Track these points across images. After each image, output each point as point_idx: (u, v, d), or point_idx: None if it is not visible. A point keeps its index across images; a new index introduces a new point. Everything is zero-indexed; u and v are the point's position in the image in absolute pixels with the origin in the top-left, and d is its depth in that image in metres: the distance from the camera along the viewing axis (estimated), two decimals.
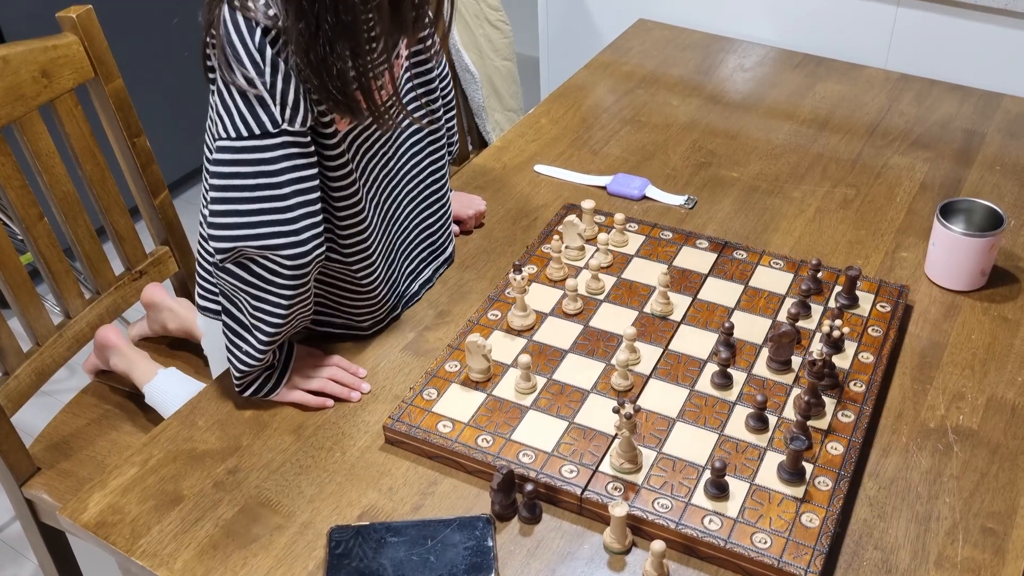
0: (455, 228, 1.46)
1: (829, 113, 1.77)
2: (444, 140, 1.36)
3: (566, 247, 1.38)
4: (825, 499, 1.03)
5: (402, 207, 1.31)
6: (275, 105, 1.05)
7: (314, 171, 1.10)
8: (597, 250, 1.37)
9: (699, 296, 1.30)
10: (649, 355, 1.21)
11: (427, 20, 1.23)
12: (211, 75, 1.10)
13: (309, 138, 1.10)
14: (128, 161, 1.56)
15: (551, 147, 1.68)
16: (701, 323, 1.26)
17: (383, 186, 1.26)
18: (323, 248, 1.13)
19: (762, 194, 1.55)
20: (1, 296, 1.46)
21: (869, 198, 1.53)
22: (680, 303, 1.29)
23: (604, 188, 1.57)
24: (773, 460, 1.07)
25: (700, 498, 1.03)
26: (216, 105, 1.08)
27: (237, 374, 1.17)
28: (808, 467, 1.06)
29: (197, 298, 1.29)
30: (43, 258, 1.45)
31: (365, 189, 1.21)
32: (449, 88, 1.41)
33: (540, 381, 1.18)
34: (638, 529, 1.02)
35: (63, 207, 1.48)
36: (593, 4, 2.27)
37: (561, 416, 1.13)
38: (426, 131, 1.32)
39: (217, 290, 1.18)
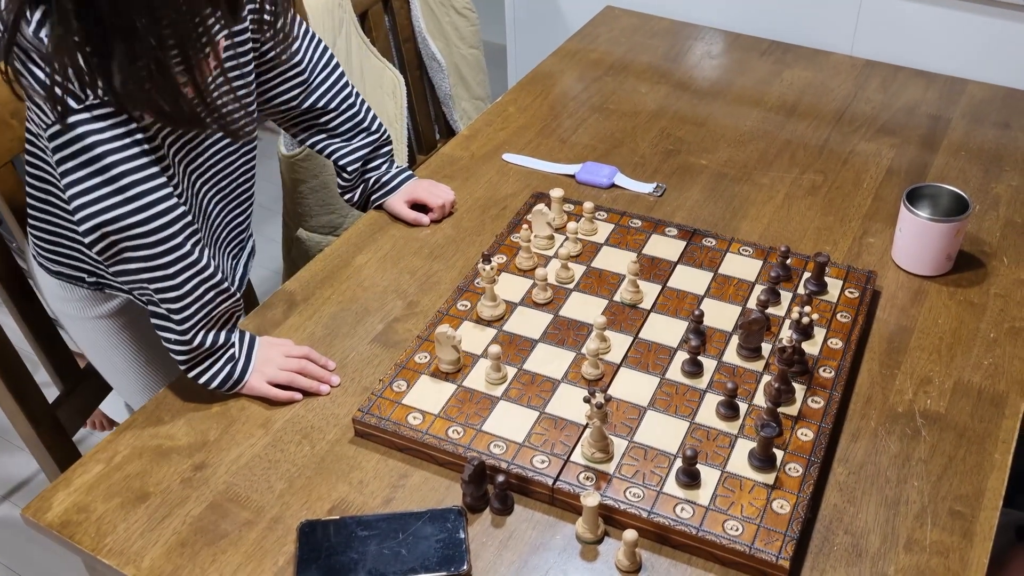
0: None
1: (796, 100, 1.77)
2: (256, 143, 1.33)
3: (535, 236, 1.37)
4: (795, 485, 1.03)
5: (213, 202, 1.28)
6: (74, 84, 1.03)
7: (137, 138, 1.08)
8: (566, 239, 1.36)
9: (669, 284, 1.30)
10: (619, 344, 1.21)
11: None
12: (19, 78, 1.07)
13: (114, 109, 1.06)
14: None
15: (519, 136, 1.68)
16: (671, 311, 1.26)
17: (194, 180, 1.23)
18: (181, 214, 1.11)
19: (731, 181, 1.55)
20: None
21: (836, 184, 1.54)
22: (650, 291, 1.29)
23: (573, 176, 1.56)
24: (744, 447, 1.07)
25: (672, 486, 1.03)
26: (27, 101, 1.07)
27: (180, 359, 1.15)
28: (778, 454, 1.06)
29: (34, 255, 1.30)
30: None
31: (177, 181, 1.19)
32: (335, 77, 1.38)
33: (510, 371, 1.17)
34: (610, 518, 1.02)
35: None
36: None
37: (532, 406, 1.13)
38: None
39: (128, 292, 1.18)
